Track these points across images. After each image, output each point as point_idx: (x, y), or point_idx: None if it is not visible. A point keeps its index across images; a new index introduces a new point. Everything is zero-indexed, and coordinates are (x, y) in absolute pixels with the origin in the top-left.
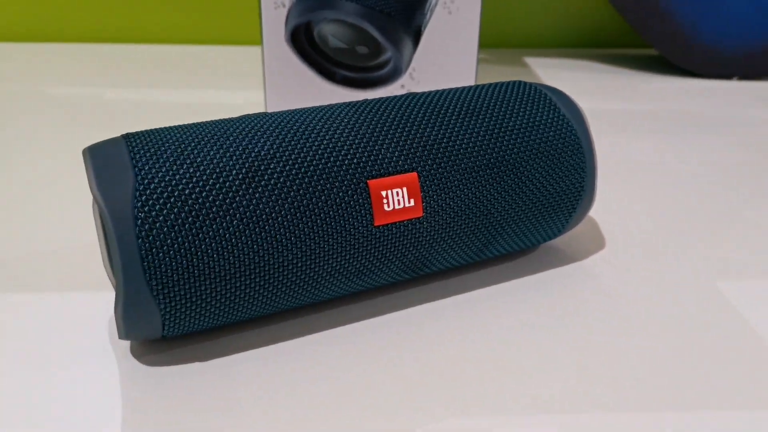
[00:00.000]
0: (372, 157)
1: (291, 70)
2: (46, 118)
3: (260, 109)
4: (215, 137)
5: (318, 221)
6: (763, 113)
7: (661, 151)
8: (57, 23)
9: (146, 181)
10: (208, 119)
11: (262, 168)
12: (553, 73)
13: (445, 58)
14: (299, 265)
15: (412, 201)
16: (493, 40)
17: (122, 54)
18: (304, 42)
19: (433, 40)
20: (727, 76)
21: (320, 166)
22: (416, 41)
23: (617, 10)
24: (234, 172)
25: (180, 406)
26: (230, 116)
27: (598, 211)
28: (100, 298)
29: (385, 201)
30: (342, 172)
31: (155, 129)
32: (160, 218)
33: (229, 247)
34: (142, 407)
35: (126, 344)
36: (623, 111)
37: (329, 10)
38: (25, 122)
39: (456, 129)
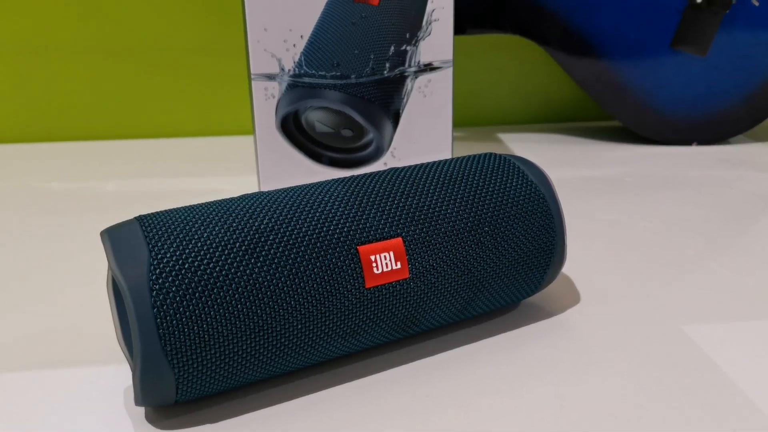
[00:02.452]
0: (361, 226)
1: (282, 155)
2: (52, 210)
3: None
4: (218, 215)
5: (315, 285)
6: (722, 173)
7: (625, 211)
8: (54, 123)
9: (159, 256)
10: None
11: (262, 240)
12: (524, 146)
13: (423, 136)
14: (299, 327)
15: (398, 263)
16: (468, 119)
17: (119, 150)
18: (292, 128)
19: (410, 121)
20: (686, 142)
21: (314, 236)
22: (395, 123)
23: (579, 86)
24: (237, 245)
25: None
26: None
27: (570, 268)
28: (115, 371)
29: (374, 264)
30: (334, 240)
31: (165, 210)
32: (173, 289)
33: (235, 312)
34: None
35: (141, 412)
36: (589, 177)
37: (315, 98)
38: (30, 214)
39: (435, 196)
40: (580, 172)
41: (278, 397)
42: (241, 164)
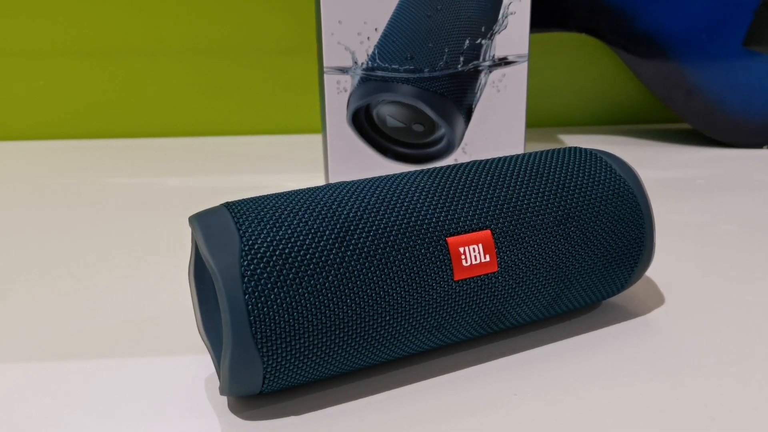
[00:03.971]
0: (449, 217)
1: (352, 151)
2: (118, 205)
3: None
4: (306, 203)
5: (404, 276)
6: None
7: (701, 213)
8: (118, 120)
9: (251, 242)
10: None
11: (351, 229)
12: (587, 146)
13: (496, 133)
14: (387, 318)
15: (487, 257)
16: (529, 120)
17: (181, 147)
18: (363, 122)
19: (483, 117)
20: (757, 145)
21: (403, 226)
22: (468, 118)
23: (646, 86)
24: (327, 233)
25: None
26: None
27: (652, 268)
28: (194, 361)
29: (463, 257)
30: (423, 231)
31: (251, 198)
32: (264, 275)
33: (325, 301)
34: None
35: (224, 402)
36: (659, 179)
37: (387, 92)
38: (97, 210)
39: (523, 189)
40: (649, 174)
41: (361, 390)
42: (306, 162)
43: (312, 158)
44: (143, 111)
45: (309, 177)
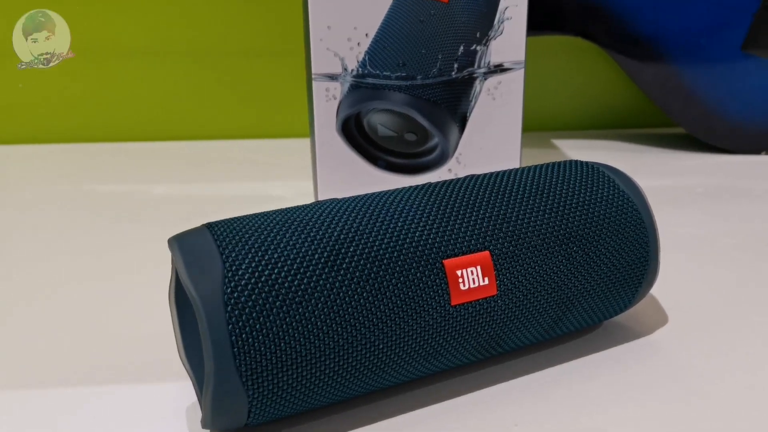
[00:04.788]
0: (446, 238)
1: (341, 160)
2: (98, 213)
3: (311, 199)
4: (293, 224)
5: (398, 302)
6: None
7: (703, 224)
8: (102, 123)
9: (234, 267)
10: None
11: (342, 251)
12: (582, 153)
13: (491, 142)
14: (380, 346)
15: (486, 279)
16: (524, 124)
17: (167, 151)
18: (354, 131)
19: (478, 125)
20: (755, 150)
21: (397, 248)
22: (462, 127)
23: (642, 91)
24: (316, 256)
25: None
26: (282, 207)
27: (655, 285)
28: (176, 389)
29: (460, 280)
30: (418, 253)
31: (234, 218)
32: (249, 303)
33: (314, 330)
34: None
35: None
36: (657, 187)
37: (378, 100)
38: (80, 219)
39: (522, 207)
40: (647, 182)
41: (353, 420)
42: (293, 168)
43: (301, 164)
44: (127, 114)
45: (297, 184)
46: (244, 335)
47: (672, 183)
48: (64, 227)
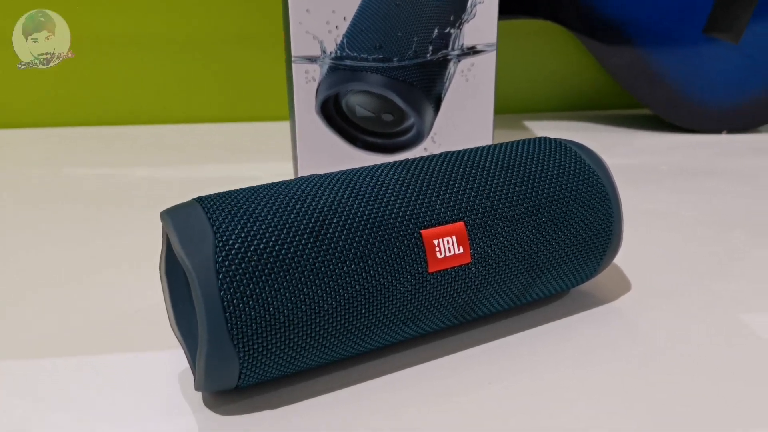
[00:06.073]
0: (423, 209)
1: (321, 141)
2: (82, 197)
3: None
4: (279, 197)
5: (379, 269)
6: (754, 162)
7: (665, 200)
8: (80, 107)
9: (225, 237)
10: None
11: (326, 222)
12: (554, 134)
13: (464, 121)
14: (363, 311)
15: (461, 248)
16: (495, 106)
17: (146, 135)
18: (332, 112)
19: (452, 106)
20: (717, 130)
21: (377, 219)
22: (437, 107)
23: (610, 74)
24: (302, 226)
25: None
26: None
27: (619, 256)
28: (167, 356)
29: (437, 249)
30: (397, 224)
31: (223, 192)
32: (239, 271)
33: (300, 295)
34: None
35: (199, 397)
36: (623, 165)
37: (356, 82)
38: (62, 203)
39: (495, 180)
40: (613, 161)
41: (337, 382)
42: (273, 151)
43: (280, 146)
44: (108, 98)
45: (277, 165)
46: (235, 301)
47: (638, 161)
48: (49, 211)
